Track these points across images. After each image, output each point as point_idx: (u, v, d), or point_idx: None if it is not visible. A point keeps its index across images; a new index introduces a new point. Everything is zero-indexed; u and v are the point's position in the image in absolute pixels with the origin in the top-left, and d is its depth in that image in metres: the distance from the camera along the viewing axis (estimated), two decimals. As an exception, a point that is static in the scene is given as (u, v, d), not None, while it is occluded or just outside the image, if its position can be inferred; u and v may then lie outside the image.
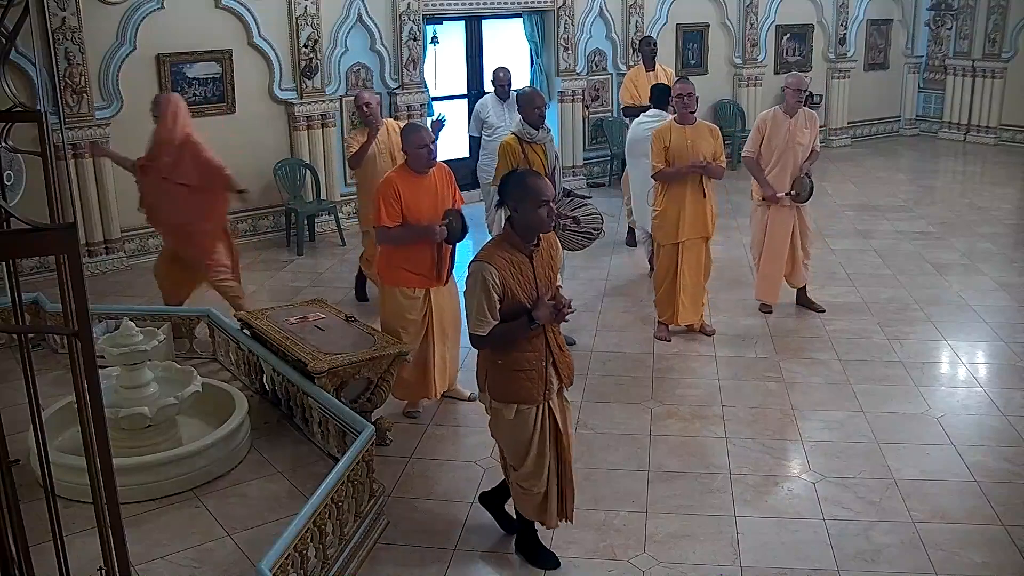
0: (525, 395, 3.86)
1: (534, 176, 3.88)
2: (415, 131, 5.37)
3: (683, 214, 6.50)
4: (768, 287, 7.27)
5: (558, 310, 3.78)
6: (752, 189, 7.26)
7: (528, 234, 3.81)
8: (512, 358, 3.83)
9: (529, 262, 3.82)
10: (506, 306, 3.75)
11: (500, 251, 3.79)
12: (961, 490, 4.76)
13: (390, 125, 7.26)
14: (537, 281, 3.83)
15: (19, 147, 2.96)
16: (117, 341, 4.94)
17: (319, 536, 3.86)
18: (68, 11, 8.16)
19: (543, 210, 3.74)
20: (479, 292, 3.71)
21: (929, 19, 14.66)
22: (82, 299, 1.98)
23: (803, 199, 7.01)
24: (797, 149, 6.94)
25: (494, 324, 3.75)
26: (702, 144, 6.45)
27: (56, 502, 2.67)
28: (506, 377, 3.86)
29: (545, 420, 3.95)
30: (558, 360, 3.94)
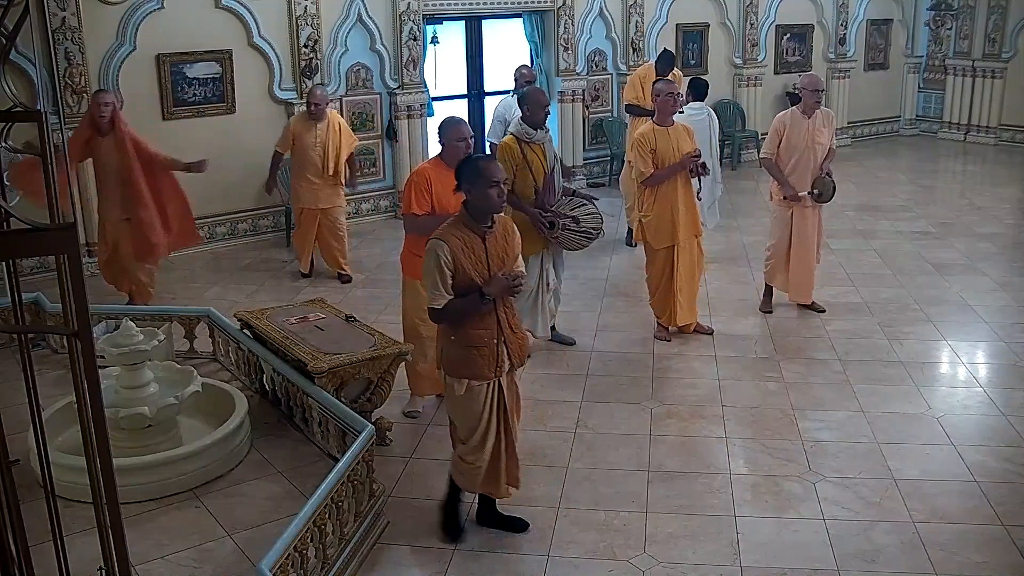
0: (475, 371, 4.07)
1: (486, 159, 4.17)
2: (455, 125, 5.35)
3: (677, 216, 6.49)
4: (803, 289, 7.23)
5: (509, 284, 3.99)
6: (772, 190, 7.23)
7: (481, 215, 4.04)
8: (465, 334, 4.05)
9: (482, 242, 4.04)
10: (458, 282, 3.98)
11: (454, 230, 4.03)
12: (961, 490, 4.76)
13: (333, 121, 8.09)
14: (489, 261, 4.05)
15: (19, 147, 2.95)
16: (117, 341, 4.94)
17: (319, 536, 3.86)
18: (68, 11, 8.16)
19: (493, 190, 3.99)
20: (433, 268, 3.96)
21: (929, 19, 14.66)
22: (82, 299, 1.98)
23: (826, 199, 6.99)
24: (817, 149, 6.92)
25: (448, 298, 3.97)
26: (684, 145, 6.46)
27: (56, 502, 2.67)
28: (459, 353, 4.08)
29: (495, 397, 4.15)
30: (509, 340, 4.14)
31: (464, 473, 4.29)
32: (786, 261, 7.19)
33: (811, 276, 7.22)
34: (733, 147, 12.90)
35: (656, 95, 6.60)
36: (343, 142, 8.12)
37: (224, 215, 9.43)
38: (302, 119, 8.11)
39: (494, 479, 4.29)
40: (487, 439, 4.17)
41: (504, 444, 4.25)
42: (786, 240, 7.13)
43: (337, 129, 8.07)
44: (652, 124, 6.57)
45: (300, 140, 8.02)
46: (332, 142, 8.00)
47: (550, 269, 6.44)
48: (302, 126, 8.04)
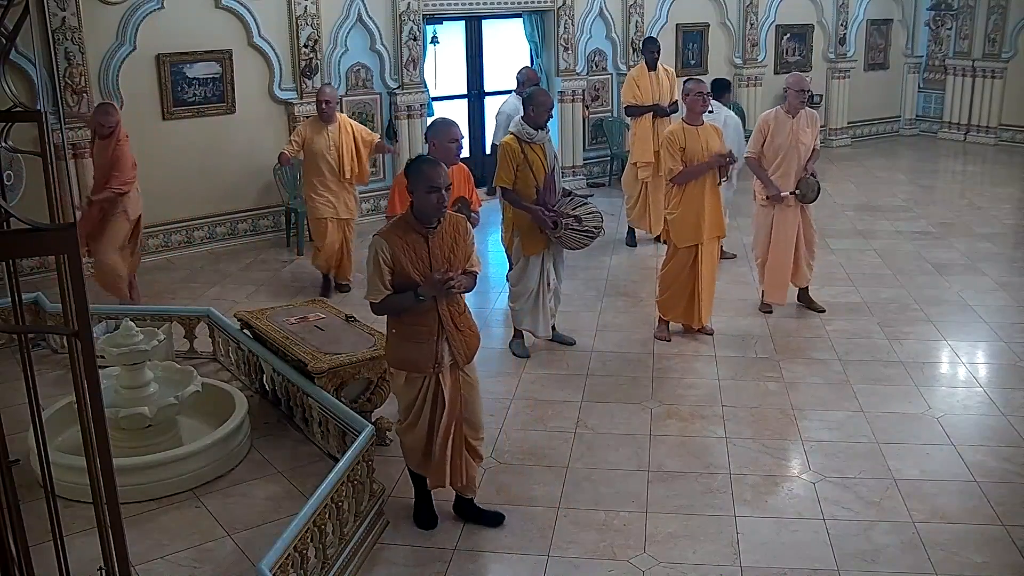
0: (412, 364, 4.20)
1: (432, 164, 4.18)
2: (447, 126, 5.37)
3: (702, 215, 6.49)
4: (778, 289, 7.25)
5: (441, 283, 4.05)
6: (755, 189, 7.25)
7: (422, 216, 4.12)
8: (404, 329, 4.19)
9: (424, 242, 4.13)
10: (396, 279, 4.10)
11: (397, 229, 4.15)
12: (961, 490, 4.76)
13: (344, 124, 7.72)
14: (431, 260, 4.12)
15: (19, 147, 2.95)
16: (117, 341, 4.94)
17: (319, 536, 3.86)
18: (68, 11, 8.16)
19: (433, 195, 4.04)
20: (372, 264, 4.11)
21: (929, 19, 14.66)
22: (82, 299, 1.98)
23: (810, 199, 7.00)
24: (800, 149, 6.94)
25: (386, 294, 4.09)
26: (713, 144, 6.47)
27: (56, 502, 2.68)
28: (398, 346, 4.23)
29: (430, 390, 4.24)
30: (452, 337, 4.22)
31: (409, 453, 4.42)
32: None
33: (787, 276, 7.22)
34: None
35: (685, 94, 6.60)
36: (359, 140, 7.75)
37: (224, 215, 9.43)
38: (312, 122, 7.77)
39: (436, 468, 4.33)
40: (417, 423, 4.29)
41: (443, 439, 4.27)
42: (767, 239, 7.15)
43: (349, 130, 7.72)
44: (682, 123, 6.58)
45: (312, 144, 7.62)
46: (346, 144, 7.66)
47: (550, 269, 6.44)
48: (312, 129, 7.68)
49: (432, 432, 4.29)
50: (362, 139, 7.79)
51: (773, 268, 7.20)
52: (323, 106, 7.63)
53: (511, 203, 6.21)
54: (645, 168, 8.98)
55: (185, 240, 9.26)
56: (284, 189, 9.55)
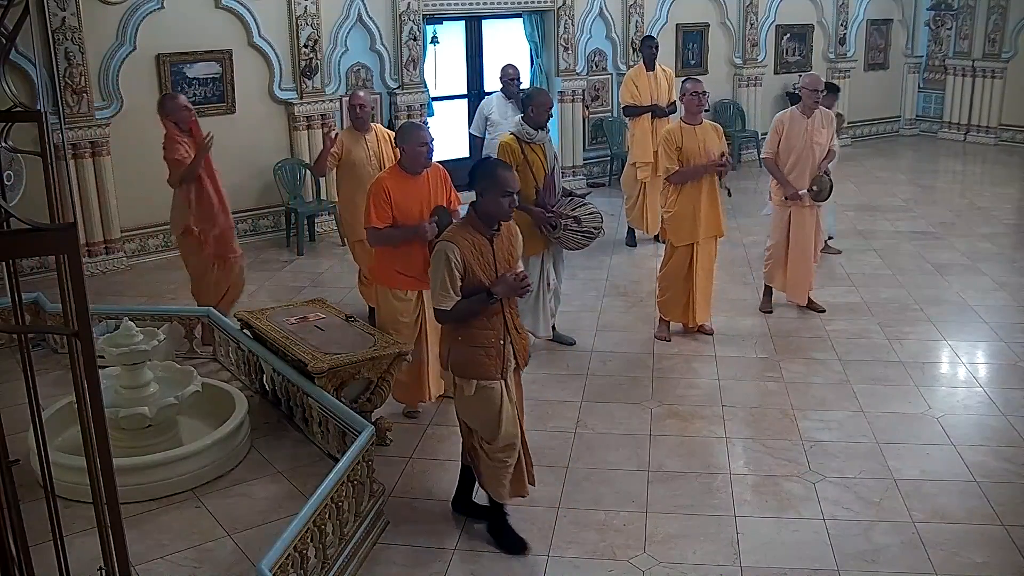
0: (483, 371, 4.09)
1: (504, 168, 4.18)
2: (416, 129, 5.36)
3: (699, 214, 6.49)
4: (799, 288, 7.24)
5: (515, 283, 4.02)
6: (772, 190, 7.25)
7: (489, 220, 4.08)
8: (472, 335, 4.09)
9: (489, 245, 4.09)
10: (467, 284, 4.01)
11: (463, 232, 4.07)
12: (961, 490, 4.76)
13: (379, 132, 6.94)
14: (496, 263, 4.09)
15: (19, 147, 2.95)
16: (117, 341, 4.94)
17: (319, 536, 3.86)
18: (68, 11, 8.16)
19: (506, 200, 4.03)
20: (442, 269, 3.99)
21: (929, 19, 14.66)
22: (82, 299, 1.98)
23: (824, 198, 7.00)
24: (815, 149, 6.93)
25: (456, 300, 4.01)
26: (711, 143, 6.46)
27: (56, 502, 2.67)
28: (466, 353, 4.10)
29: (506, 395, 4.16)
30: (515, 340, 4.20)
31: (497, 475, 4.21)
32: (784, 261, 7.19)
33: (809, 276, 7.22)
34: (733, 147, 12.88)
35: (683, 94, 6.59)
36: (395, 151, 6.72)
37: (224, 215, 9.42)
38: (348, 132, 6.87)
39: (519, 478, 4.30)
40: (514, 431, 4.16)
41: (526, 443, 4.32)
42: (784, 240, 7.14)
43: (387, 138, 6.82)
44: (680, 122, 6.58)
45: (350, 156, 6.72)
46: (386, 153, 6.73)
47: (550, 269, 6.44)
48: (349, 139, 6.78)
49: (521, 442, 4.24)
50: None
51: (794, 268, 7.17)
52: (357, 111, 6.75)
53: None
54: (644, 168, 8.99)
55: (185, 240, 9.25)
56: (284, 189, 9.55)
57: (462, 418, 4.28)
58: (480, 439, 4.21)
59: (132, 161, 8.71)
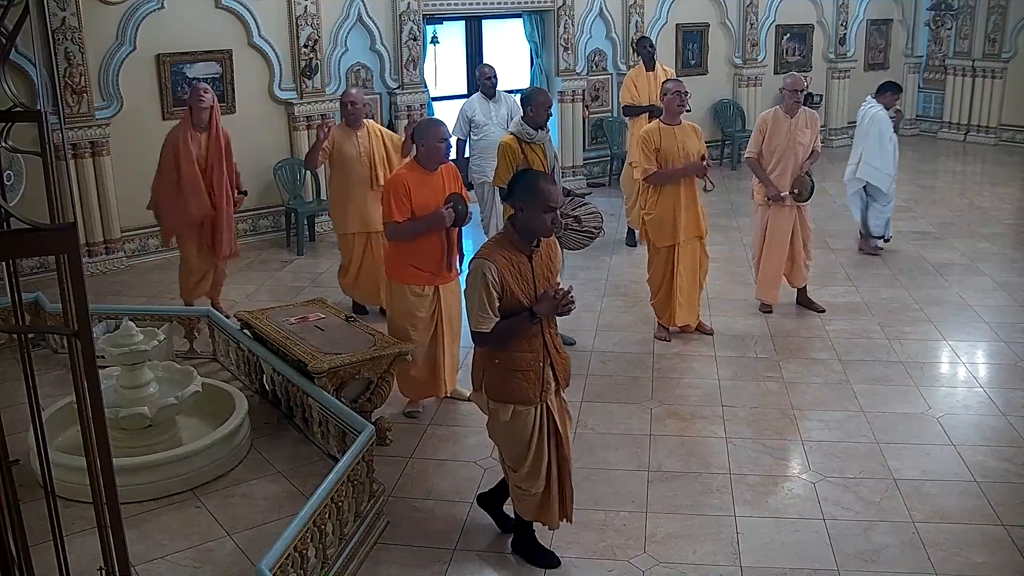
0: (522, 395, 3.86)
1: (547, 181, 3.88)
2: (435, 125, 5.34)
3: (679, 215, 6.49)
4: (768, 287, 7.28)
5: (558, 302, 3.78)
6: (753, 189, 7.27)
7: (529, 235, 3.83)
8: (510, 358, 3.84)
9: (528, 262, 3.84)
10: (505, 304, 3.77)
11: (500, 249, 3.81)
12: (961, 490, 4.76)
13: (371, 128, 7.09)
14: (536, 281, 3.85)
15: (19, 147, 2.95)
16: (117, 341, 4.94)
17: (319, 536, 3.86)
18: (68, 11, 8.16)
19: (548, 216, 3.77)
20: (479, 289, 3.73)
21: (929, 19, 14.66)
22: (82, 299, 1.98)
23: (804, 198, 7.01)
24: (798, 149, 6.95)
25: (495, 321, 3.76)
26: (690, 144, 6.46)
27: (56, 502, 2.67)
28: (504, 377, 3.86)
29: (543, 421, 3.95)
30: (555, 361, 3.95)
31: (522, 501, 4.09)
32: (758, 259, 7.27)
33: (778, 276, 7.24)
34: (733, 147, 12.90)
35: (663, 94, 6.59)
36: (389, 146, 7.10)
37: (224, 215, 9.42)
38: (340, 128, 7.10)
39: (546, 505, 4.06)
40: (540, 463, 3.96)
41: (558, 470, 4.02)
42: (761, 238, 7.16)
43: (378, 135, 7.08)
44: (658, 122, 6.57)
45: (340, 152, 6.97)
46: (377, 150, 7.00)
47: (550, 269, 6.43)
48: (341, 135, 7.01)
49: (551, 470, 3.98)
50: (391, 143, 7.14)
51: (765, 267, 7.22)
52: (348, 108, 6.98)
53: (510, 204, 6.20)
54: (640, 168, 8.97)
55: (185, 240, 9.25)
56: (284, 189, 9.55)
57: (493, 440, 4.13)
58: (507, 464, 4.07)
59: (132, 161, 8.69)
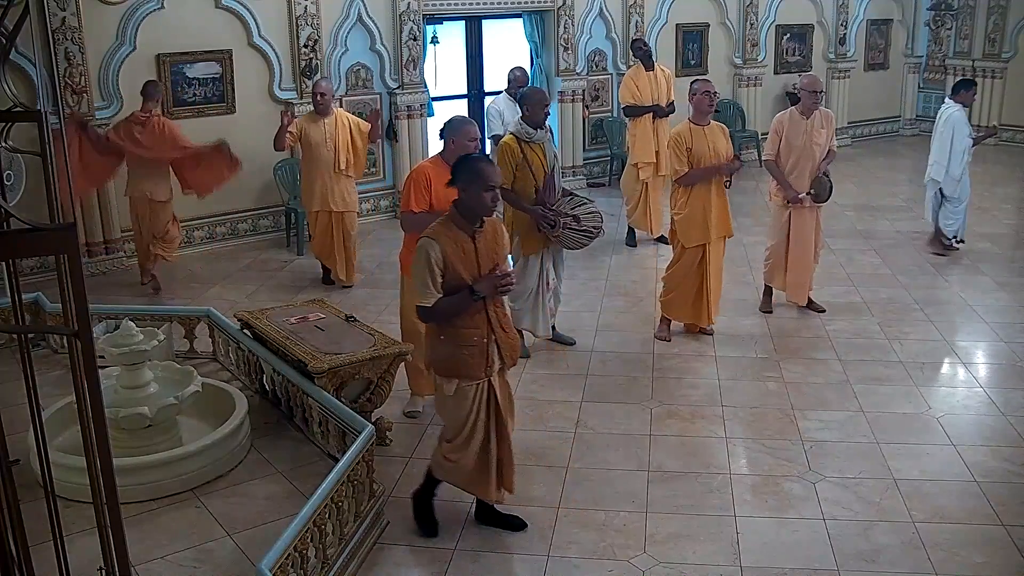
0: (466, 371, 4.07)
1: (486, 162, 4.14)
2: (467, 124, 5.32)
3: (710, 215, 6.48)
4: (799, 289, 7.25)
5: (497, 281, 3.99)
6: (771, 191, 7.24)
7: (472, 216, 4.05)
8: (456, 334, 4.05)
9: (472, 242, 4.04)
10: (448, 281, 3.98)
11: (445, 229, 4.04)
12: (961, 490, 4.76)
13: (340, 117, 7.88)
14: (479, 260, 4.05)
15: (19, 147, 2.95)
16: (117, 341, 4.94)
17: (319, 536, 3.86)
18: (68, 11, 8.16)
19: (488, 194, 3.99)
20: (423, 266, 3.96)
21: (929, 19, 14.65)
22: (82, 299, 1.98)
23: (823, 199, 7.00)
24: (815, 150, 6.92)
25: (438, 297, 3.97)
26: (720, 144, 6.46)
27: (56, 502, 2.67)
28: (449, 352, 4.08)
29: (483, 398, 4.15)
30: (500, 340, 4.14)
31: (444, 468, 4.32)
32: (785, 261, 7.20)
33: (808, 276, 7.23)
34: (734, 147, 12.85)
35: (692, 94, 6.58)
36: (355, 133, 7.88)
37: (224, 215, 9.43)
38: (308, 116, 7.95)
39: (483, 481, 4.28)
40: (472, 439, 4.18)
41: (497, 446, 4.24)
42: (784, 241, 7.14)
43: (345, 123, 7.88)
44: (688, 123, 6.55)
45: (308, 137, 7.80)
46: (342, 136, 7.81)
47: (550, 268, 6.44)
48: (309, 122, 7.86)
49: (487, 444, 4.19)
50: (358, 131, 7.91)
51: (794, 269, 7.17)
52: (318, 98, 7.78)
53: (510, 203, 6.21)
54: (646, 168, 8.99)
55: (185, 240, 9.22)
56: (284, 189, 9.55)
57: (436, 409, 4.36)
58: (443, 435, 4.31)
59: (132, 161, 8.70)
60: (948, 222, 8.71)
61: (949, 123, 8.48)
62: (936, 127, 8.67)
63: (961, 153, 8.47)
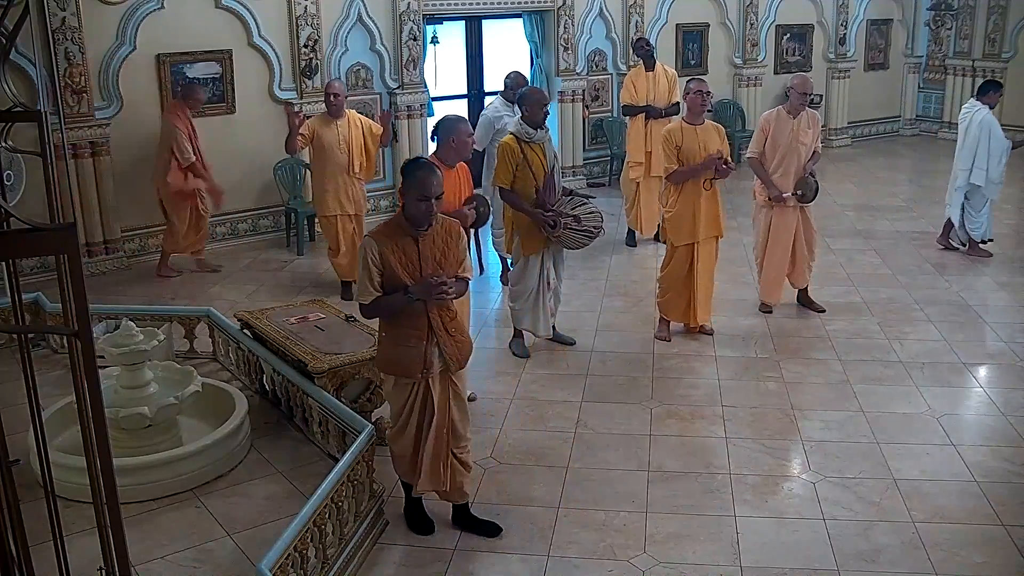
0: (401, 368, 4.18)
1: (426, 170, 4.09)
2: (462, 122, 5.37)
3: (699, 214, 6.48)
4: (771, 288, 7.28)
5: (432, 287, 4.01)
6: (755, 190, 7.25)
7: (412, 220, 4.09)
8: (396, 333, 4.17)
9: (415, 243, 4.10)
10: (387, 280, 4.06)
11: (388, 230, 4.13)
12: (961, 490, 4.76)
13: (352, 118, 7.61)
14: (421, 263, 4.09)
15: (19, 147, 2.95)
16: (117, 341, 4.94)
17: (319, 536, 3.86)
18: (68, 11, 8.15)
19: (422, 204, 4.02)
20: (361, 264, 4.07)
21: (929, 19, 14.65)
22: (82, 299, 1.98)
23: (808, 199, 7.00)
24: (800, 149, 6.93)
25: (375, 295, 4.06)
26: (712, 144, 6.45)
27: (56, 502, 2.67)
28: (388, 349, 4.22)
29: (419, 396, 4.21)
30: (443, 342, 4.18)
31: (397, 461, 4.42)
32: (762, 260, 7.25)
33: (781, 276, 7.25)
34: (733, 147, 12.84)
35: (686, 93, 6.58)
36: (367, 135, 7.62)
37: (224, 215, 9.41)
38: (320, 117, 7.65)
39: (412, 469, 4.34)
40: (407, 428, 4.27)
41: (431, 445, 4.23)
42: (765, 239, 7.16)
43: (358, 124, 7.60)
44: (681, 121, 6.56)
45: (320, 139, 7.49)
46: (356, 138, 7.54)
47: (550, 268, 6.44)
48: (321, 124, 7.54)
49: (420, 439, 4.26)
50: (370, 133, 7.65)
51: (768, 268, 7.21)
52: (331, 99, 7.48)
53: (510, 204, 6.22)
54: (636, 168, 9.00)
55: (185, 240, 9.25)
56: (284, 189, 9.55)
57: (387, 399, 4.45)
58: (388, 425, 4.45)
59: (132, 161, 8.71)
60: (972, 225, 8.72)
61: (984, 125, 8.45)
62: (967, 130, 8.57)
63: (1000, 155, 8.46)
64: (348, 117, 7.57)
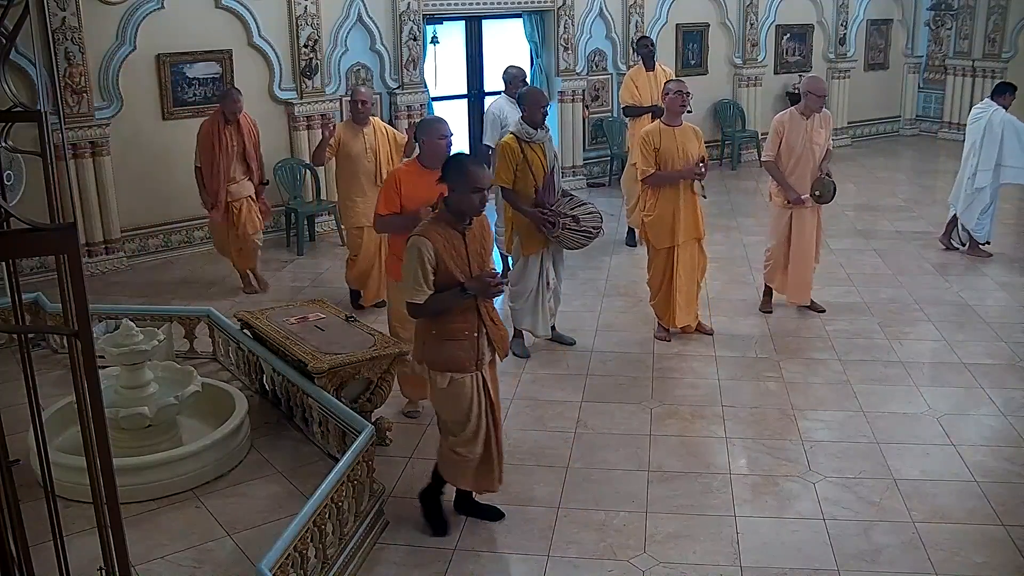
0: (457, 364, 4.15)
1: (475, 163, 4.15)
2: (436, 123, 5.34)
3: (677, 217, 6.47)
4: (801, 290, 7.23)
5: (488, 285, 4.07)
6: (771, 192, 7.21)
7: (460, 215, 4.10)
8: (445, 328, 4.14)
9: (462, 239, 4.11)
10: (440, 278, 4.05)
11: (436, 227, 4.09)
12: (961, 490, 4.76)
13: (378, 126, 7.37)
14: (469, 257, 4.13)
15: (19, 147, 2.95)
16: (117, 341, 4.94)
17: (319, 536, 3.86)
18: (68, 11, 8.16)
19: (476, 196, 4.05)
20: (415, 263, 4.02)
21: (929, 19, 14.65)
22: (82, 299, 1.98)
23: (827, 200, 6.98)
24: (814, 150, 6.91)
25: (429, 294, 4.04)
26: (690, 146, 6.44)
27: (56, 502, 2.67)
28: (440, 346, 4.16)
29: (479, 388, 4.22)
30: (491, 332, 4.23)
31: (454, 466, 4.34)
32: (785, 262, 7.19)
33: (809, 277, 7.22)
34: (733, 147, 12.90)
35: (665, 94, 6.58)
36: (393, 143, 7.33)
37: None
38: (346, 125, 7.36)
39: (487, 472, 4.36)
40: (479, 430, 4.24)
41: (494, 437, 4.33)
42: (785, 241, 7.13)
43: (384, 132, 7.31)
44: (659, 123, 6.55)
45: (347, 148, 7.19)
46: (383, 147, 7.22)
47: (550, 268, 6.44)
48: (347, 132, 7.23)
49: (490, 437, 4.28)
50: (394, 141, 7.35)
51: (796, 270, 7.15)
52: (359, 107, 7.22)
53: (509, 204, 6.22)
54: None
55: (185, 240, 9.26)
56: (284, 189, 9.54)
57: (435, 409, 4.38)
58: (447, 431, 4.31)
59: (132, 161, 8.72)
60: (975, 226, 8.71)
61: (1006, 123, 8.38)
62: (985, 130, 8.45)
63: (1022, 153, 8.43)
64: (373, 124, 7.30)
